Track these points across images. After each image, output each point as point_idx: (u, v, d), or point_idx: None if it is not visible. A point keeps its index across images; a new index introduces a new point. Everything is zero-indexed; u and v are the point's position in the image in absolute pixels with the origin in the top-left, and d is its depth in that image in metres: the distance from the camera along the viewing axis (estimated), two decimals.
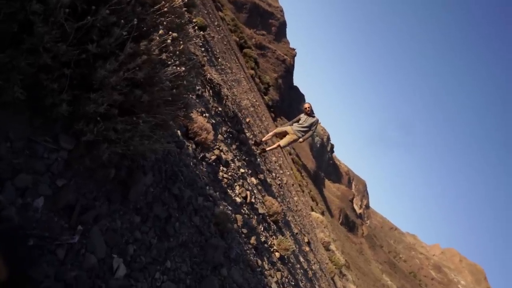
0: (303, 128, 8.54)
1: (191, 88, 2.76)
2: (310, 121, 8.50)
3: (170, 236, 3.26)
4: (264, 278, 6.03)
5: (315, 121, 8.49)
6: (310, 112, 8.60)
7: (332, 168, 61.57)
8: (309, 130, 8.55)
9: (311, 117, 8.58)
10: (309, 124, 8.49)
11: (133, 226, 2.77)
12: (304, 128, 8.53)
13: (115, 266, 2.36)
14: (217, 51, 15.57)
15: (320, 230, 25.68)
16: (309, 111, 8.59)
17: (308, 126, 8.48)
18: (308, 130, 8.56)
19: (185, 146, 5.04)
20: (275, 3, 62.04)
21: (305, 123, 8.51)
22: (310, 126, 8.50)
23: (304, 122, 8.54)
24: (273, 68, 50.42)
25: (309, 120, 8.51)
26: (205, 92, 8.24)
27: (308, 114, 8.59)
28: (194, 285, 3.35)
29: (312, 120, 8.51)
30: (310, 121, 8.50)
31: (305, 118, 8.58)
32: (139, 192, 2.90)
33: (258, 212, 7.95)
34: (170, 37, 2.24)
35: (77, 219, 2.17)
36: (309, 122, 8.49)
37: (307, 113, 8.59)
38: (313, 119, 8.51)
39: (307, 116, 8.59)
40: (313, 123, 8.49)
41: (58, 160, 2.16)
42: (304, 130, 8.55)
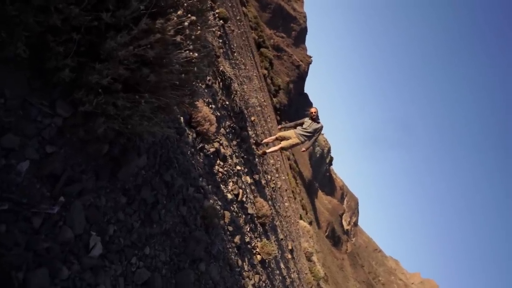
0: (307, 132, 8.23)
1: (201, 76, 2.67)
2: (314, 126, 8.20)
3: (154, 222, 3.17)
4: (241, 279, 5.95)
5: (319, 127, 8.23)
6: (316, 117, 8.31)
7: (327, 180, 61.41)
8: (312, 136, 8.27)
9: (316, 122, 8.28)
10: (313, 129, 8.18)
11: (118, 206, 2.68)
12: (307, 133, 8.22)
13: (91, 244, 2.28)
14: (234, 45, 15.47)
15: (305, 240, 25.58)
16: (314, 116, 8.29)
17: (311, 131, 8.17)
18: (311, 136, 8.25)
19: (185, 134, 4.96)
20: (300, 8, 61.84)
21: (309, 128, 8.22)
22: (313, 132, 8.16)
23: (308, 127, 8.25)
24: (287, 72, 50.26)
25: (313, 126, 8.21)
26: (215, 83, 8.15)
27: (313, 119, 8.28)
28: (169, 275, 3.27)
29: (316, 126, 8.21)
30: (314, 126, 8.20)
31: (310, 123, 8.27)
32: (130, 172, 2.82)
33: (247, 212, 7.86)
34: (188, 20, 2.16)
35: (61, 190, 2.08)
36: (313, 127, 8.19)
37: (313, 118, 8.28)
38: (317, 125, 8.22)
39: (312, 121, 8.28)
40: (317, 129, 8.20)
41: (51, 126, 2.08)
42: (307, 135, 8.23)
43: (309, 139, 8.24)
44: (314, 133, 8.18)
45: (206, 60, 2.81)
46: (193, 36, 2.29)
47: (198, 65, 2.51)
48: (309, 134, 8.22)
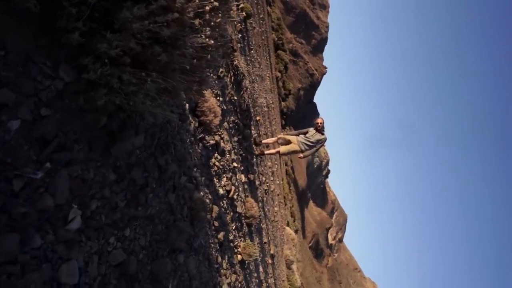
0: (309, 142, 8.10)
1: (214, 65, 2.59)
2: (317, 137, 8.06)
3: (140, 205, 3.09)
4: (218, 276, 5.87)
5: (322, 139, 8.10)
6: (321, 128, 8.16)
7: (320, 192, 61.28)
8: (313, 146, 8.15)
9: (320, 133, 8.15)
10: (315, 140, 8.05)
11: (106, 182, 2.60)
12: (309, 142, 8.09)
13: (71, 217, 2.19)
14: (252, 43, 15.38)
15: (288, 247, 25.49)
16: (320, 127, 8.14)
17: (314, 142, 8.04)
18: (313, 146, 8.14)
19: (188, 121, 4.87)
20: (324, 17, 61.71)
21: (312, 138, 8.08)
22: (316, 142, 8.03)
23: (311, 137, 8.11)
24: (300, 78, 50.14)
25: (316, 136, 8.08)
26: (227, 77, 8.07)
27: (318, 130, 8.14)
28: (146, 261, 3.19)
29: (320, 137, 8.08)
30: (317, 137, 8.06)
31: (314, 133, 8.14)
32: (124, 149, 2.74)
33: (236, 210, 7.79)
34: (210, 5, 2.07)
35: (48, 156, 2.00)
36: (316, 138, 8.06)
37: (318, 128, 8.14)
38: (321, 136, 8.09)
39: (316, 131, 8.14)
40: (320, 141, 8.09)
41: (50, 88, 1.99)
42: (309, 144, 8.09)
43: (310, 149, 8.11)
44: (316, 144, 8.06)
45: (221, 50, 2.73)
46: (213, 23, 2.21)
47: (213, 54, 2.43)
48: (311, 144, 8.09)
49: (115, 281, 2.67)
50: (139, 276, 3.03)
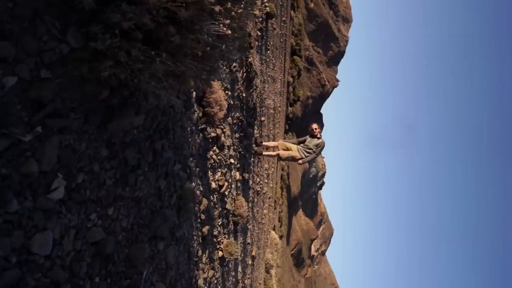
0: (308, 149, 8.29)
1: (227, 57, 2.51)
2: (314, 142, 8.28)
3: (128, 185, 3.01)
4: (195, 270, 5.79)
5: (320, 142, 8.28)
6: (317, 134, 8.38)
7: (311, 203, 61.18)
8: (313, 152, 8.25)
9: (316, 138, 8.35)
10: (313, 145, 8.25)
11: (97, 157, 2.52)
12: (308, 149, 8.28)
13: (54, 186, 2.11)
14: (270, 43, 15.29)
15: (270, 251, 25.40)
16: (315, 133, 8.37)
17: (312, 147, 8.24)
18: (311, 152, 8.26)
19: (192, 109, 4.79)
20: (345, 31, 61.60)
21: (310, 144, 8.29)
22: (314, 148, 8.24)
23: (309, 143, 8.32)
24: (311, 86, 50.03)
25: (313, 142, 8.30)
26: (239, 72, 7.99)
27: (314, 136, 8.37)
28: (124, 243, 3.10)
29: (317, 141, 8.28)
30: (314, 142, 8.28)
31: (310, 139, 8.36)
32: (121, 127, 2.66)
33: (225, 206, 7.71)
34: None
35: (41, 120, 1.92)
36: (314, 143, 8.26)
37: (314, 135, 8.37)
38: (318, 141, 8.29)
39: (312, 138, 8.37)
40: (318, 145, 8.26)
41: (55, 51, 1.91)
42: (308, 151, 8.29)
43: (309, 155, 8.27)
44: (315, 149, 8.23)
45: (238, 43, 2.64)
46: (234, 13, 2.13)
47: (228, 45, 2.35)
48: (310, 150, 8.26)
49: (89, 259, 2.59)
50: (115, 257, 2.95)
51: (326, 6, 53.76)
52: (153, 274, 3.79)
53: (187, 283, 5.35)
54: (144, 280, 3.57)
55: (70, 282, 2.32)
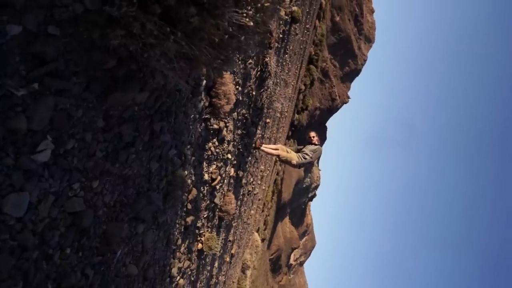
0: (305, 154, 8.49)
1: (244, 50, 2.41)
2: (311, 148, 8.53)
3: (118, 162, 2.91)
4: (171, 258, 5.70)
5: (316, 148, 8.53)
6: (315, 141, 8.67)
7: (299, 212, 61.07)
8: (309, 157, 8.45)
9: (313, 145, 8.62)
10: (309, 150, 8.48)
11: (91, 126, 2.42)
12: (305, 154, 8.49)
13: (41, 147, 2.02)
14: (290, 48, 15.18)
15: (249, 252, 25.29)
16: (313, 141, 8.64)
17: (308, 152, 8.44)
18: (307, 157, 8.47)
19: (199, 97, 4.69)
20: (365, 50, 61.53)
21: (306, 149, 8.54)
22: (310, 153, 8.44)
23: (306, 149, 8.58)
24: (321, 98, 49.94)
25: (310, 147, 8.55)
26: (254, 70, 7.89)
27: (311, 143, 8.64)
28: (103, 219, 3.01)
29: (314, 147, 8.54)
30: (311, 148, 8.53)
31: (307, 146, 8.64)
32: (122, 101, 2.56)
33: (214, 200, 7.62)
34: None
35: (40, 77, 1.83)
36: (310, 148, 8.51)
37: (311, 142, 8.64)
38: (315, 147, 8.55)
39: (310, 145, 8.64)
40: (314, 150, 8.49)
41: (68, 8, 1.82)
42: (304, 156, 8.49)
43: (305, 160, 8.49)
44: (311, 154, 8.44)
45: (258, 38, 2.55)
46: (260, 5, 2.03)
47: (247, 38, 2.25)
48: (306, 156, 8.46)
49: (64, 228, 2.49)
50: (91, 232, 2.86)
51: (351, 22, 53.63)
52: (127, 255, 3.70)
53: (161, 270, 5.26)
54: (116, 259, 3.47)
55: (38, 248, 2.23)
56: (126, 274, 3.76)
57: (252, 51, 5.77)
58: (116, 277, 3.59)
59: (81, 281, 2.88)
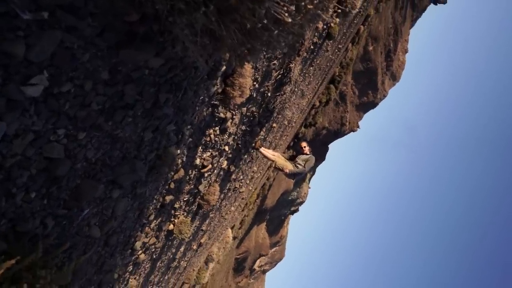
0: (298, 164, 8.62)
1: (273, 46, 2.27)
2: (303, 157, 8.66)
3: (112, 120, 2.77)
4: (139, 231, 5.56)
5: (307, 157, 8.63)
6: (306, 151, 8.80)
7: (277, 222, 60.98)
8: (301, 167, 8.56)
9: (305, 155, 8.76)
10: (301, 160, 8.60)
11: (94, 75, 2.28)
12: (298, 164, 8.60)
13: (33, 81, 1.88)
14: (316, 61, 15.02)
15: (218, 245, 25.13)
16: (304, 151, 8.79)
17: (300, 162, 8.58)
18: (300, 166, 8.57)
19: (214, 81, 4.55)
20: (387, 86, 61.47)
21: (299, 159, 8.66)
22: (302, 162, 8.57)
23: (297, 159, 8.72)
24: (331, 120, 49.85)
25: (302, 157, 8.69)
26: (276, 71, 7.75)
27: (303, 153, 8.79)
28: (79, 174, 2.86)
29: (306, 157, 8.66)
30: (303, 157, 8.66)
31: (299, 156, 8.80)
32: (134, 59, 2.42)
33: (198, 186, 7.48)
34: None
35: (53, 7, 1.68)
36: (302, 158, 8.64)
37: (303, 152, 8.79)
38: (307, 156, 8.67)
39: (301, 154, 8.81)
40: (305, 160, 8.60)
41: None
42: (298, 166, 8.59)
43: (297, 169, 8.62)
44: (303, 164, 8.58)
45: (291, 38, 2.40)
46: (303, 4, 1.89)
47: (280, 35, 2.11)
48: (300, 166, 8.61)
49: (35, 171, 2.35)
50: (63, 183, 2.71)
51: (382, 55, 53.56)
52: (94, 216, 3.55)
53: (124, 240, 5.12)
54: (82, 217, 3.33)
55: (1, 184, 2.09)
56: (87, 235, 3.61)
57: (280, 51, 5.62)
58: (77, 234, 3.45)
59: (38, 229, 2.74)
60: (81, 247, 3.66)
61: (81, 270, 4.04)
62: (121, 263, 5.59)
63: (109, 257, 4.82)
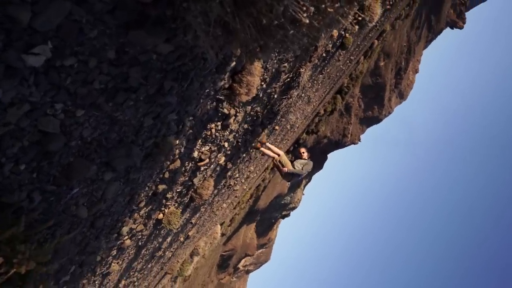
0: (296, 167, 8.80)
1: (286, 47, 2.21)
2: (302, 161, 8.88)
3: (113, 102, 2.70)
4: (127, 217, 5.50)
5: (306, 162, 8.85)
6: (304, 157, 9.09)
7: (267, 224, 60.98)
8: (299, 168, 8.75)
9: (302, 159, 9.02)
10: (300, 163, 8.80)
11: (100, 53, 2.21)
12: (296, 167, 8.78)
13: (36, 50, 1.81)
14: (327, 70, 14.95)
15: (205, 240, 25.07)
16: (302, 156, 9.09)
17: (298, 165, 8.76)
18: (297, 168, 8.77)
19: (222, 76, 4.48)
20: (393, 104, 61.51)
21: (297, 163, 8.89)
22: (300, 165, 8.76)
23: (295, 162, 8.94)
24: (333, 130, 49.83)
25: (300, 161, 8.91)
26: (285, 74, 7.68)
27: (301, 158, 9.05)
28: (73, 152, 2.80)
29: (304, 161, 8.89)
30: (302, 161, 8.88)
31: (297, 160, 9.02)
32: (143, 42, 2.35)
33: (193, 179, 7.42)
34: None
35: None
36: (301, 162, 8.86)
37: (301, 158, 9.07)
38: (305, 161, 8.91)
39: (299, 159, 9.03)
40: (303, 163, 8.80)
41: None
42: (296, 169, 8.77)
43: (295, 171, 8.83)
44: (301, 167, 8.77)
45: (305, 41, 2.33)
46: (323, 6, 1.83)
47: (295, 35, 2.04)
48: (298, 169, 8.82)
49: (28, 143, 2.29)
50: (55, 159, 2.65)
51: (392, 72, 53.56)
52: (84, 196, 3.49)
53: (111, 224, 5.05)
54: (70, 196, 3.27)
55: None
56: (74, 214, 3.55)
57: (293, 53, 5.56)
58: (63, 212, 3.38)
59: (23, 202, 2.68)
60: (66, 225, 3.59)
61: (63, 249, 3.98)
62: (106, 247, 5.52)
63: (93, 239, 4.75)
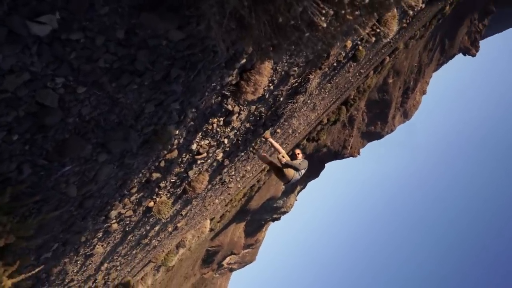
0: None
1: (299, 50, 2.15)
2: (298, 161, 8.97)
3: (117, 83, 2.63)
4: (117, 201, 5.44)
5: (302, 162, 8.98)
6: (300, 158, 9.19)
7: (256, 225, 60.94)
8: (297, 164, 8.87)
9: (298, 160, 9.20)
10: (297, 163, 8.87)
11: (109, 32, 2.15)
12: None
13: (42, 19, 1.75)
14: (335, 80, 14.89)
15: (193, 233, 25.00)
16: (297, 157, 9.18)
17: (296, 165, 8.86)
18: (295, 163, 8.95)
19: (230, 72, 4.42)
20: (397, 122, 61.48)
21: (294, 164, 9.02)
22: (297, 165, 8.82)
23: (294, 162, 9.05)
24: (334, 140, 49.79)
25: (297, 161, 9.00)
26: (293, 78, 7.63)
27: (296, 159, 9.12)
28: (69, 129, 2.73)
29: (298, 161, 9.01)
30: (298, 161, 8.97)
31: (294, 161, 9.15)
32: (154, 26, 2.29)
33: (188, 171, 7.36)
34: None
35: None
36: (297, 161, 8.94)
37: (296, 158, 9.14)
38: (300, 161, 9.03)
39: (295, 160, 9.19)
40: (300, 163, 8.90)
41: None
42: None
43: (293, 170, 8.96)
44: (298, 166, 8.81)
45: (318, 47, 2.27)
46: (343, 12, 1.77)
47: (310, 39, 1.98)
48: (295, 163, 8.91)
49: (23, 113, 2.22)
50: (50, 133, 2.58)
51: (400, 90, 53.55)
52: (75, 175, 3.42)
53: (101, 206, 4.99)
54: (62, 173, 3.20)
55: None
56: (63, 192, 3.49)
57: (305, 57, 5.49)
58: (52, 189, 3.32)
59: (12, 173, 2.61)
60: (53, 202, 3.53)
61: (48, 226, 3.92)
62: (92, 228, 5.46)
63: (80, 219, 4.69)
